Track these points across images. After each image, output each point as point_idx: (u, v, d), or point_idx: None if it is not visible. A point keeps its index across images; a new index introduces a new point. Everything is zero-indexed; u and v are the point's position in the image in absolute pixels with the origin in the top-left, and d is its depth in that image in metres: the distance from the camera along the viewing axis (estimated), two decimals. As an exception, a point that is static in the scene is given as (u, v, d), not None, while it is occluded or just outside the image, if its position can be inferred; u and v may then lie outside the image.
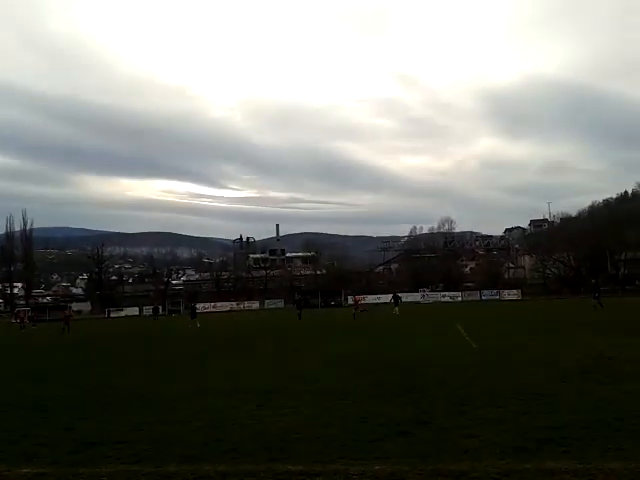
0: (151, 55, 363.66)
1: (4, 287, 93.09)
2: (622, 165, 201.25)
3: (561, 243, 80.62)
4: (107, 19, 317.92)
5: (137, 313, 72.56)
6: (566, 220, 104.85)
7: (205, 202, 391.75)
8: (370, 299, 68.41)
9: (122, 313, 72.31)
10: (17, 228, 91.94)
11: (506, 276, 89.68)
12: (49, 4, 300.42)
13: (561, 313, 33.09)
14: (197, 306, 74.11)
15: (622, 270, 77.40)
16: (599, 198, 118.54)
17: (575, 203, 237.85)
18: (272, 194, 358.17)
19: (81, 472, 5.72)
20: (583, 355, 13.00)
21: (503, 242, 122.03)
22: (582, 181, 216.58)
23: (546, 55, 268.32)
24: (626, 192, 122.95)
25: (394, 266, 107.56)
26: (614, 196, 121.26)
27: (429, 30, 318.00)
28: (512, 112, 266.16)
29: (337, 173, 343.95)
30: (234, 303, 74.54)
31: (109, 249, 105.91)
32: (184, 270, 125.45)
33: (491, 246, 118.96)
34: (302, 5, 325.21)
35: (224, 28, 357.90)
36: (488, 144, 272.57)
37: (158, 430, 7.47)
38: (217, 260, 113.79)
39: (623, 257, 76.58)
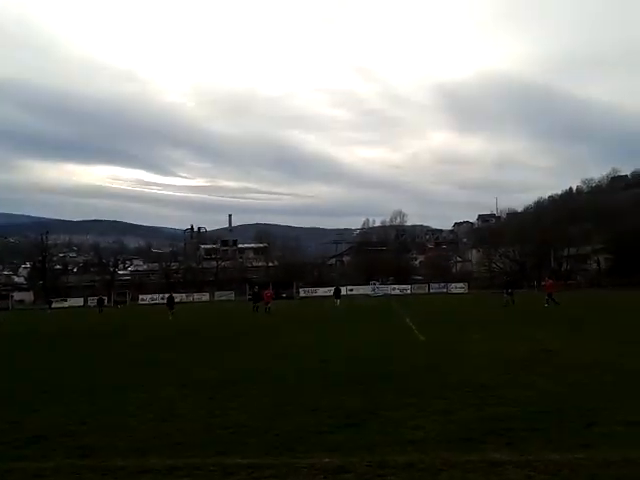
0: (100, 37, 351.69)
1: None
2: (569, 162, 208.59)
3: (507, 238, 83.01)
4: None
5: (81, 304, 70.72)
6: (512, 215, 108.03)
7: (154, 190, 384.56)
8: (322, 291, 68.80)
9: (66, 304, 70.27)
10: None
11: (454, 270, 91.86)
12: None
13: (514, 305, 34.03)
14: (145, 297, 73.45)
15: (565, 265, 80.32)
16: (546, 194, 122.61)
17: (523, 199, 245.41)
18: (224, 183, 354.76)
19: (24, 467, 5.55)
20: (527, 348, 13.42)
21: (452, 236, 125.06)
22: (531, 177, 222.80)
23: (500, 52, 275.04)
24: (571, 189, 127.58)
25: (346, 258, 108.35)
26: (559, 192, 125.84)
27: (387, 24, 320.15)
28: (466, 107, 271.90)
29: (291, 163, 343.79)
30: (183, 295, 73.43)
31: (53, 237, 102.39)
32: (131, 260, 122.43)
33: (440, 240, 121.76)
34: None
35: (178, 11, 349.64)
36: (442, 138, 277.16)
37: (105, 422, 7.35)
38: (166, 250, 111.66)
39: (566, 253, 79.42)
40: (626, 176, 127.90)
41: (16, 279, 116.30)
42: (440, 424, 6.62)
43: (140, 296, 75.05)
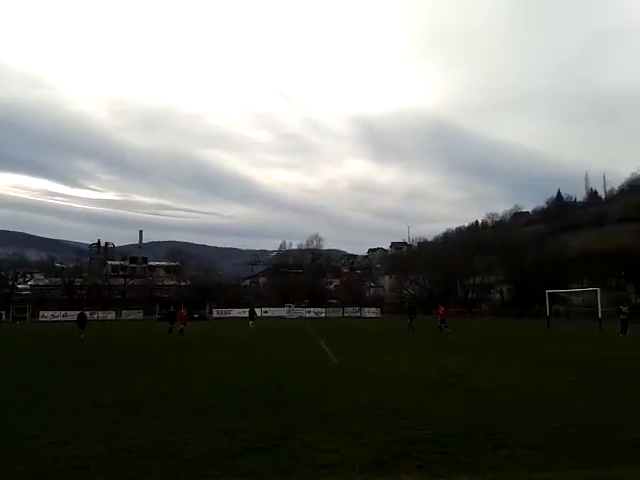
0: (6, 38, 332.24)
1: None
2: (476, 197, 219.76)
3: (418, 266, 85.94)
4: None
5: (-25, 319, 65.80)
6: (423, 244, 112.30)
7: (60, 201, 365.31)
8: (235, 312, 67.89)
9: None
10: None
11: (367, 294, 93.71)
12: None
13: (415, 331, 35.09)
14: (46, 313, 69.31)
15: (470, 294, 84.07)
16: (454, 225, 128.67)
17: (433, 229, 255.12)
18: (137, 198, 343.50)
19: None
20: (436, 372, 13.83)
21: (366, 262, 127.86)
22: (440, 209, 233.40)
23: (418, 89, 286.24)
24: (477, 222, 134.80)
25: (262, 280, 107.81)
26: (466, 224, 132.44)
27: (311, 51, 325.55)
28: (381, 139, 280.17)
29: (208, 182, 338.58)
30: (87, 312, 69.68)
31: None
32: (32, 274, 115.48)
33: (355, 265, 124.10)
34: (185, 8, 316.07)
35: (94, 16, 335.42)
36: (358, 167, 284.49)
37: (2, 445, 6.82)
38: (70, 265, 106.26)
39: (472, 282, 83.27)
40: (527, 212, 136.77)
41: None
42: (353, 447, 6.64)
43: (41, 312, 70.78)
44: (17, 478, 5.53)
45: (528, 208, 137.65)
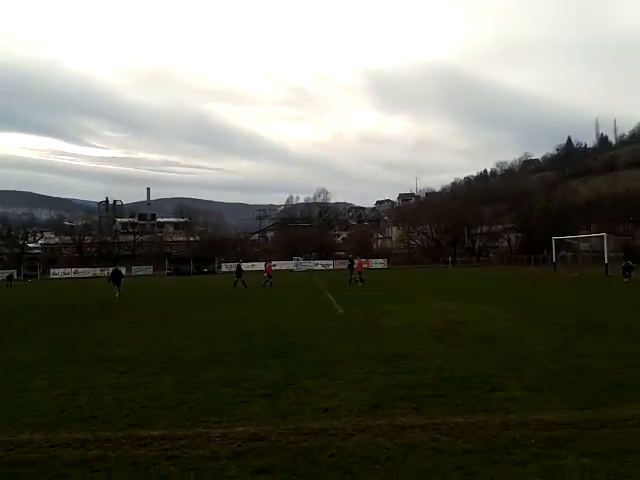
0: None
1: None
2: (485, 145, 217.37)
3: (425, 216, 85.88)
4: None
5: (-12, 278, 66.83)
6: (431, 195, 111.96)
7: (67, 160, 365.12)
8: (244, 266, 68.40)
9: (-29, 277, 66.08)
10: None
11: (375, 246, 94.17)
12: None
13: (422, 281, 35.40)
14: (57, 271, 70.28)
15: (477, 243, 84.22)
16: (463, 175, 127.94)
17: (441, 179, 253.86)
18: (143, 155, 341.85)
19: None
20: (438, 320, 14.01)
21: (374, 214, 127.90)
22: (449, 159, 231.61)
23: (426, 39, 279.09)
24: (485, 171, 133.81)
25: (270, 234, 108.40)
26: (475, 174, 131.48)
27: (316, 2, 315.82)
28: (390, 89, 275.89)
29: (214, 137, 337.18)
30: (97, 269, 70.68)
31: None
32: (42, 233, 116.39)
33: (363, 217, 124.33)
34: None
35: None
36: (366, 119, 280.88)
37: (13, 398, 7.07)
38: (79, 223, 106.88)
39: (479, 231, 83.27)
40: (537, 160, 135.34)
41: None
42: (352, 392, 6.84)
43: (52, 270, 71.77)
44: (22, 429, 5.71)
45: (538, 155, 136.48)
